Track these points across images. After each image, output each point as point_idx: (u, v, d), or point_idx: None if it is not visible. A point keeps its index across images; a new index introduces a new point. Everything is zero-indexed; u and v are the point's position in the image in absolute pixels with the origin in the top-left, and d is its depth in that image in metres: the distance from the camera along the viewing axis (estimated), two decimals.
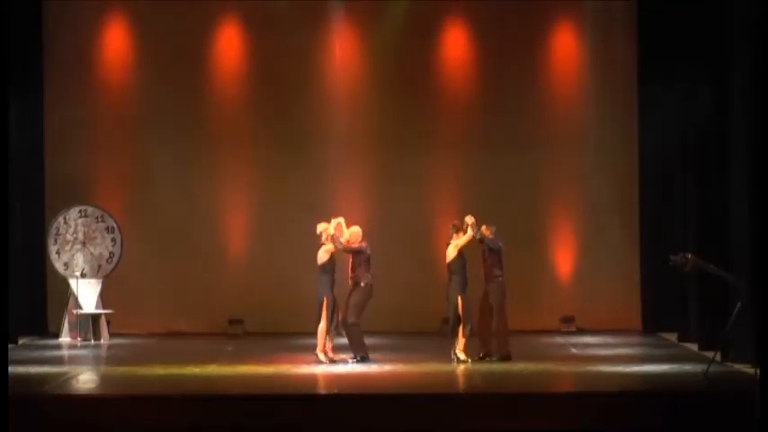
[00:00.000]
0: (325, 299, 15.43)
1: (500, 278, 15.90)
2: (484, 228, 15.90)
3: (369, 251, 15.63)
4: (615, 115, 20.06)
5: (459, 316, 15.53)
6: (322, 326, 15.43)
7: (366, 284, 15.51)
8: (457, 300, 15.55)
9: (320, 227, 15.65)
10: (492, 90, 20.11)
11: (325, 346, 15.51)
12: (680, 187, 18.33)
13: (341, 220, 15.75)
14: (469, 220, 15.77)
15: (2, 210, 12.66)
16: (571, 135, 20.11)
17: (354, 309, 15.45)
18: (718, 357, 14.56)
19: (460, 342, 15.57)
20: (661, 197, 19.37)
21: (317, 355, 15.50)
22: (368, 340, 15.87)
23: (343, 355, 15.64)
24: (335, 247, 15.47)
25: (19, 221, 18.42)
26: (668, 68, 18.66)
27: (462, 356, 15.52)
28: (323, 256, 15.51)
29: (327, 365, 15.26)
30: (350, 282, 15.57)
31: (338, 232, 15.58)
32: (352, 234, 15.72)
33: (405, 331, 17.98)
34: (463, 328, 15.54)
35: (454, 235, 15.76)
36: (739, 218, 15.05)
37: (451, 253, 15.69)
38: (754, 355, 12.82)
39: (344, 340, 15.77)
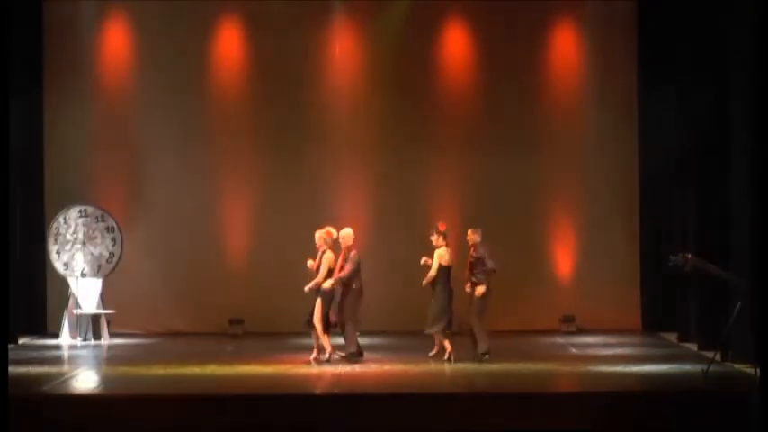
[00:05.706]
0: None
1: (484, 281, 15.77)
2: (470, 232, 15.81)
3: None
4: (615, 115, 20.03)
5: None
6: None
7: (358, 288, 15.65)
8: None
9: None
10: (492, 90, 20.10)
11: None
12: (680, 187, 18.32)
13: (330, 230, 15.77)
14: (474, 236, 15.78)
15: (2, 210, 12.65)
16: (571, 135, 20.10)
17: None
18: (719, 357, 14.57)
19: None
20: (661, 197, 19.37)
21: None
22: (367, 340, 15.90)
23: (342, 353, 15.71)
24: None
25: (19, 221, 18.44)
26: (668, 69, 18.66)
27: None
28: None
29: (327, 365, 15.29)
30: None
31: (321, 240, 15.58)
32: (344, 236, 15.75)
33: (405, 331, 17.94)
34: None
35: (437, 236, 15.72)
36: (739, 218, 15.05)
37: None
38: (754, 355, 12.83)
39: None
